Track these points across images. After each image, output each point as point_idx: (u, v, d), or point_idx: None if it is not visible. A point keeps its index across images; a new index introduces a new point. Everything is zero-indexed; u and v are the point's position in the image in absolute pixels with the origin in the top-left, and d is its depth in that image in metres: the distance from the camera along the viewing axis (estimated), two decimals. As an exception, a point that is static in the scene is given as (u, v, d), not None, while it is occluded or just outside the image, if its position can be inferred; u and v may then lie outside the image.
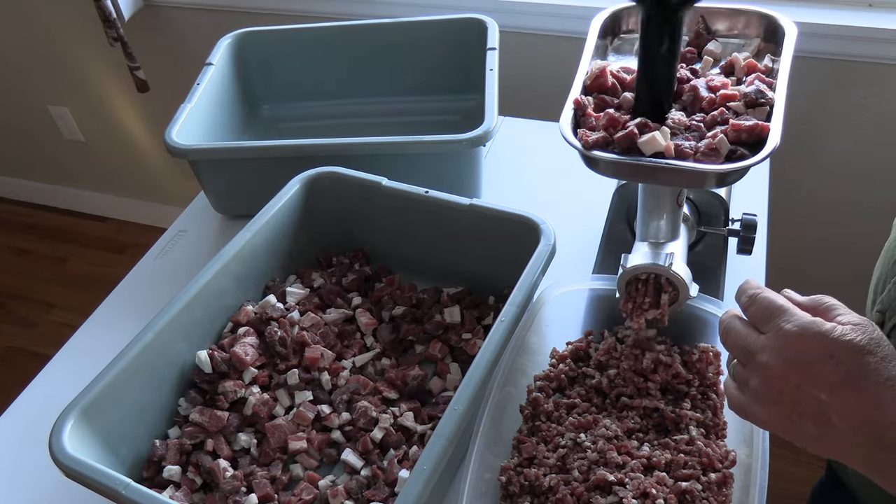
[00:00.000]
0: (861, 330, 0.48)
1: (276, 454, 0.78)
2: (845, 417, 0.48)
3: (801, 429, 0.50)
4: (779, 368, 0.50)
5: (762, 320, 0.52)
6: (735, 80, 0.69)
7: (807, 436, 0.50)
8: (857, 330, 0.48)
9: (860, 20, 1.30)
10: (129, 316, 0.97)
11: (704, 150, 0.62)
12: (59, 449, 0.66)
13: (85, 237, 2.47)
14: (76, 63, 2.04)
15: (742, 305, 0.55)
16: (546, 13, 1.47)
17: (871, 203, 1.51)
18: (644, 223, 0.75)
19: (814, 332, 0.49)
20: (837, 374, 0.47)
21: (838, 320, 0.50)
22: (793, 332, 0.49)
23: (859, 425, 0.47)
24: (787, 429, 0.51)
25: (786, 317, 0.51)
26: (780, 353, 0.50)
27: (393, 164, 0.98)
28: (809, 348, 0.49)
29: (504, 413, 0.75)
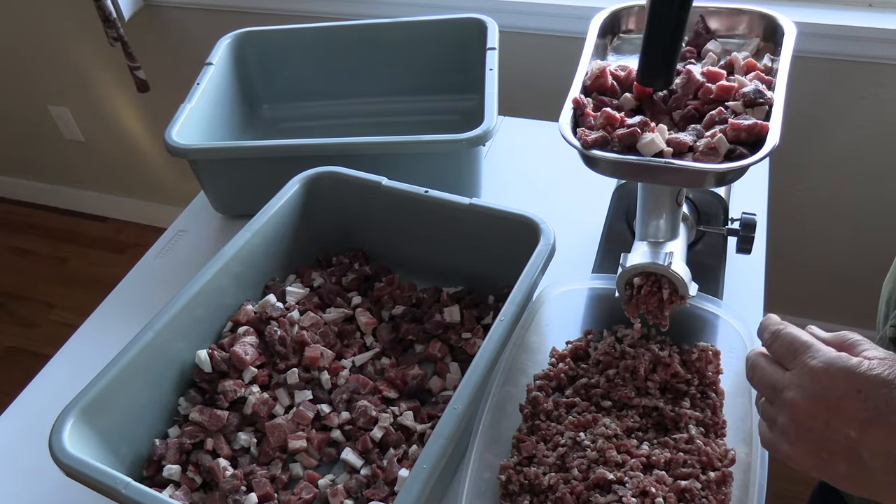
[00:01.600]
0: (888, 364, 0.47)
1: (276, 453, 0.78)
2: (876, 454, 0.46)
3: (831, 467, 0.49)
4: (806, 405, 0.49)
5: (787, 357, 0.52)
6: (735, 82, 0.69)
7: (838, 474, 0.49)
8: (884, 364, 0.47)
9: (860, 20, 1.31)
10: (129, 316, 0.97)
11: (703, 150, 0.62)
12: (59, 448, 0.66)
13: (85, 237, 2.47)
14: (76, 63, 2.04)
15: (765, 343, 0.55)
16: (546, 13, 1.47)
17: (871, 202, 1.51)
18: (643, 222, 0.75)
19: (839, 366, 0.48)
20: (866, 410, 0.46)
21: (864, 355, 0.49)
22: (818, 368, 0.49)
23: (892, 462, 0.46)
24: (817, 466, 0.50)
25: (810, 352, 0.50)
26: (806, 390, 0.49)
27: (393, 164, 0.98)
28: (836, 384, 0.48)
29: (504, 412, 0.75)
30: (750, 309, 0.89)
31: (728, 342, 0.79)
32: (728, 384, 0.77)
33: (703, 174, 0.63)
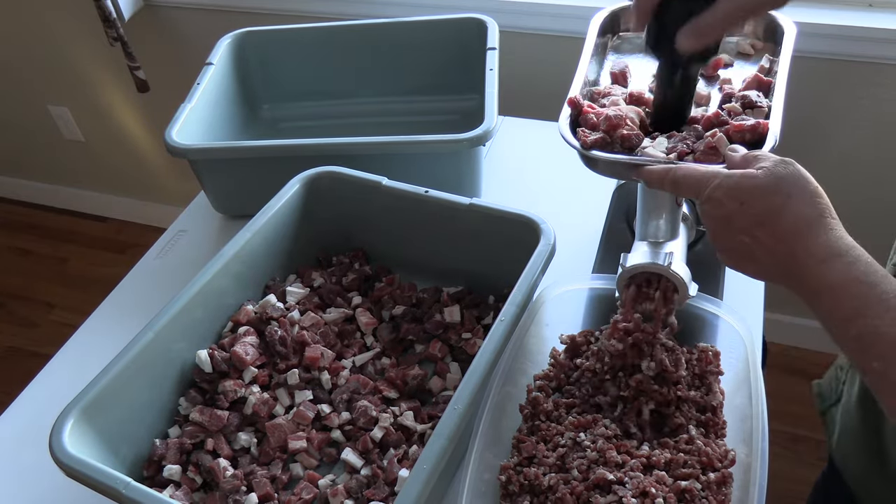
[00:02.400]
0: (770, 172, 0.54)
1: (276, 453, 0.78)
2: (764, 253, 0.54)
3: (745, 268, 0.58)
4: (712, 225, 0.57)
5: (693, 194, 0.59)
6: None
7: (751, 271, 0.58)
8: (766, 173, 0.54)
9: (860, 20, 1.31)
10: (129, 316, 0.97)
11: (704, 150, 0.62)
12: (59, 448, 0.66)
13: (85, 237, 2.47)
14: (76, 63, 2.04)
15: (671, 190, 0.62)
16: (546, 13, 1.47)
17: (871, 202, 1.51)
18: (643, 222, 0.75)
19: (725, 186, 0.55)
20: (749, 218, 0.54)
21: (756, 167, 0.55)
22: (713, 195, 0.56)
23: (776, 259, 0.54)
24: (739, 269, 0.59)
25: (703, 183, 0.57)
26: (708, 215, 0.57)
27: (393, 164, 0.98)
28: (723, 201, 0.55)
29: (504, 412, 0.75)
30: (750, 309, 0.89)
31: (728, 342, 0.79)
32: (728, 384, 0.77)
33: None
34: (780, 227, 0.53)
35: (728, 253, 0.58)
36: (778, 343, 1.82)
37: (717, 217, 0.56)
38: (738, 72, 0.75)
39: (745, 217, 0.54)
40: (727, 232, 0.56)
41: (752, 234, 0.54)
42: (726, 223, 0.55)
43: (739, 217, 0.54)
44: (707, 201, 0.57)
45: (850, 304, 0.50)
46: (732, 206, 0.54)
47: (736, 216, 0.54)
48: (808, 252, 0.52)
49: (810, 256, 0.52)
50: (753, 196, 0.54)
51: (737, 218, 0.54)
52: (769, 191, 0.53)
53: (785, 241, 0.53)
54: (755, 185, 0.54)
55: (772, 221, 0.53)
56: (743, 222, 0.54)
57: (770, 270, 0.56)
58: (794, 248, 0.52)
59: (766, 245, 0.54)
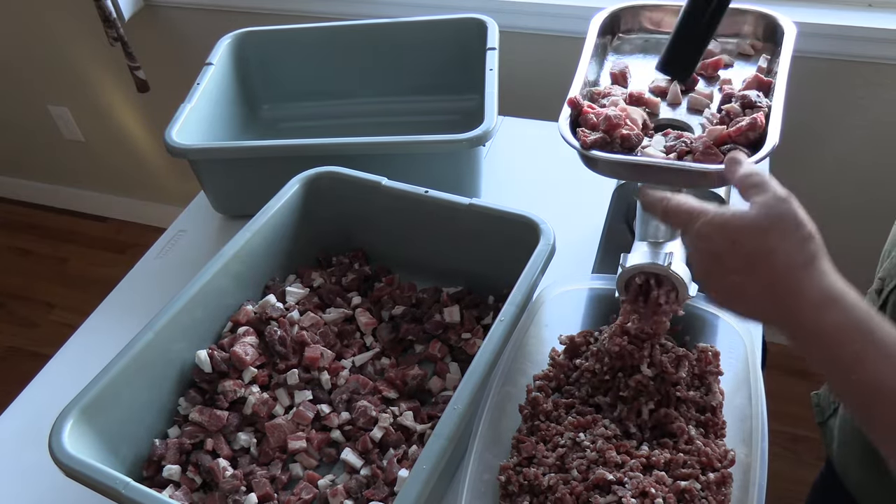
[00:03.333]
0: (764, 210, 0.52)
1: (276, 454, 0.78)
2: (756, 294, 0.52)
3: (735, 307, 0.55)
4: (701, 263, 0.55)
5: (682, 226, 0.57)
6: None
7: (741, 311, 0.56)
8: (760, 211, 0.52)
9: (860, 20, 1.30)
10: (129, 316, 0.97)
11: (703, 150, 0.62)
12: (58, 448, 0.66)
13: (85, 237, 2.47)
14: (76, 63, 2.04)
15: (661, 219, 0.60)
16: (546, 13, 1.47)
17: (870, 202, 1.51)
18: (643, 223, 0.75)
19: (716, 224, 0.53)
20: (740, 258, 0.52)
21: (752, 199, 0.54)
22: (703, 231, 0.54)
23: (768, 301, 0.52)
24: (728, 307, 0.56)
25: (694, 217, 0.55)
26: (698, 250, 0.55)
27: (393, 164, 0.98)
28: (714, 239, 0.53)
29: (503, 413, 0.75)
30: (750, 309, 0.89)
31: (728, 343, 0.79)
32: (728, 385, 0.77)
33: (703, 174, 0.63)
34: (773, 270, 0.51)
35: (718, 293, 0.56)
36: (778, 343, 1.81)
37: (706, 253, 0.54)
38: (738, 72, 0.75)
39: (736, 257, 0.52)
40: (718, 271, 0.54)
41: (744, 275, 0.52)
42: (717, 261, 0.54)
43: (730, 256, 0.52)
44: (697, 236, 0.55)
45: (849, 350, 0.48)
46: (723, 244, 0.53)
47: (727, 255, 0.53)
48: (802, 296, 0.50)
49: (805, 301, 0.50)
50: (745, 235, 0.52)
51: (728, 257, 0.53)
52: (762, 230, 0.52)
53: (778, 283, 0.51)
54: (748, 224, 0.52)
55: (764, 263, 0.51)
56: (734, 262, 0.52)
57: (762, 312, 0.54)
58: (788, 292, 0.51)
59: (757, 287, 0.52)
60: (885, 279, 0.74)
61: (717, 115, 0.68)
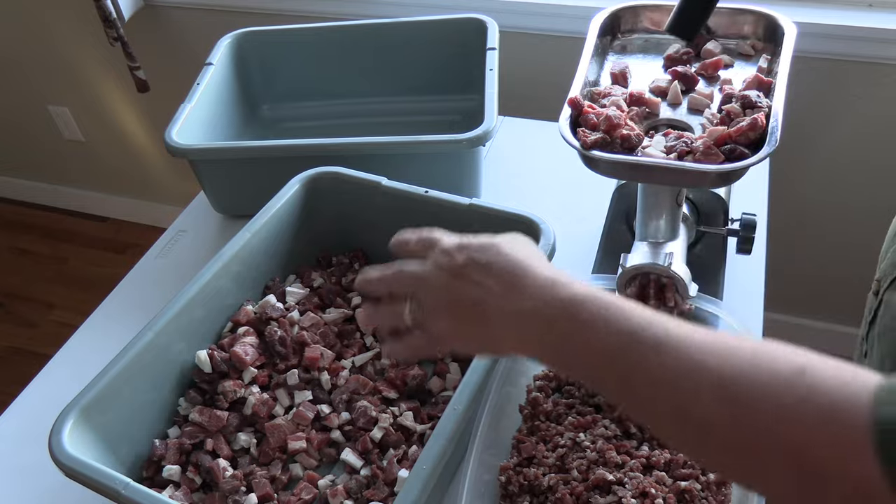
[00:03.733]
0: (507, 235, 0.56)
1: (276, 454, 0.78)
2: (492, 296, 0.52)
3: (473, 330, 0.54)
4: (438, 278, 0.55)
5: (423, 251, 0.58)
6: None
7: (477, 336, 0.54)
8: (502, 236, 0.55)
9: (860, 20, 1.30)
10: (129, 316, 0.97)
11: (704, 150, 0.62)
12: (58, 448, 0.66)
13: (85, 237, 2.47)
14: (76, 63, 2.04)
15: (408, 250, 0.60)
16: (546, 13, 1.47)
17: (870, 202, 1.51)
18: (643, 223, 0.75)
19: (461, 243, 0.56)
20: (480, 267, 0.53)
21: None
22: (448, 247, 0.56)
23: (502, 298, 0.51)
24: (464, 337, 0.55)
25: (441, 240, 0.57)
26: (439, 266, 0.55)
27: (393, 164, 0.98)
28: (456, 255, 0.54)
29: (503, 413, 0.75)
30: (750, 309, 0.89)
31: (728, 343, 0.78)
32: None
33: (703, 174, 0.63)
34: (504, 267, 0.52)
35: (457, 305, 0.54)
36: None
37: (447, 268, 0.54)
38: (738, 72, 0.75)
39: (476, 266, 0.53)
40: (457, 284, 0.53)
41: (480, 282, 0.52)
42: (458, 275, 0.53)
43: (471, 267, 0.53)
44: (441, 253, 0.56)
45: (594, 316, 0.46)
46: (464, 257, 0.54)
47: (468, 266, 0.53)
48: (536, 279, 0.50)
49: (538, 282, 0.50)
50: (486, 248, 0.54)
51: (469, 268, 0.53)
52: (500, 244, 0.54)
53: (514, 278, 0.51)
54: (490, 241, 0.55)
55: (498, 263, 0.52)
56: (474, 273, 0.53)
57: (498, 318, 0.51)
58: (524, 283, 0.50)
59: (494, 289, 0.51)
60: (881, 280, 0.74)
61: (718, 116, 0.68)
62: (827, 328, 1.76)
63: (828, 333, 1.76)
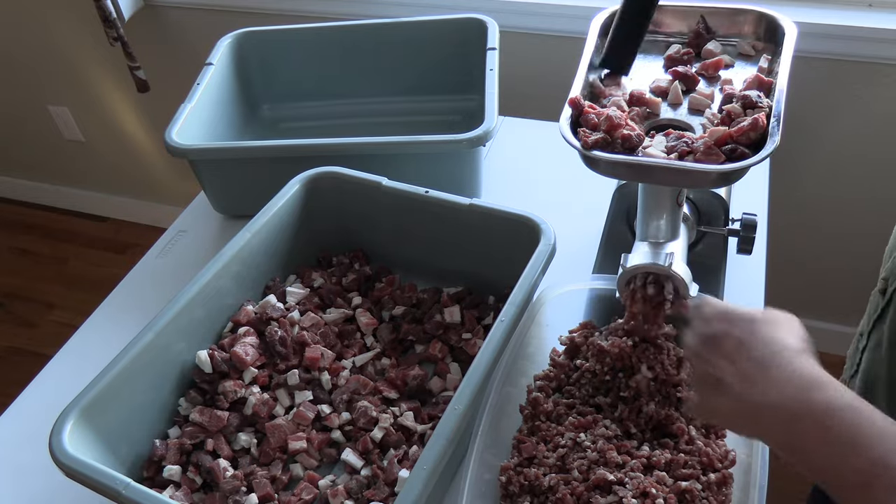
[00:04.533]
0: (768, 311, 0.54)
1: (276, 454, 0.78)
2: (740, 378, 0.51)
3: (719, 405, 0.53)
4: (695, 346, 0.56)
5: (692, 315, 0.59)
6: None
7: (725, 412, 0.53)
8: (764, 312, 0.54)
9: (860, 20, 1.30)
10: (129, 316, 0.97)
11: (704, 150, 0.62)
12: (59, 449, 0.66)
13: (85, 237, 2.47)
14: (76, 63, 2.04)
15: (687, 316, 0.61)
16: (546, 13, 1.47)
17: (871, 202, 1.51)
18: (644, 223, 0.75)
19: (720, 310, 0.55)
20: (734, 342, 0.52)
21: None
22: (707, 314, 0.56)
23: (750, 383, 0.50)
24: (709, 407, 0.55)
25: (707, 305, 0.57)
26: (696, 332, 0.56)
27: (393, 164, 0.98)
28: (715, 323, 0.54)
29: (504, 413, 0.75)
30: (750, 309, 0.89)
31: (728, 343, 0.78)
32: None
33: (704, 175, 0.63)
34: (761, 352, 0.51)
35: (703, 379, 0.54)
36: (778, 343, 1.82)
37: (703, 336, 0.55)
38: (738, 72, 0.74)
39: (731, 341, 0.52)
40: (709, 353, 0.54)
41: (734, 360, 0.52)
42: (711, 345, 0.54)
43: (726, 340, 0.53)
44: (697, 316, 0.56)
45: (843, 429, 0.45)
46: (721, 327, 0.54)
47: (723, 338, 0.53)
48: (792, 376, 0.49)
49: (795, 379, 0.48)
50: (745, 322, 0.53)
51: (724, 340, 0.53)
52: (761, 321, 0.53)
53: (763, 364, 0.50)
54: (750, 315, 0.54)
55: (755, 346, 0.51)
56: (728, 346, 0.52)
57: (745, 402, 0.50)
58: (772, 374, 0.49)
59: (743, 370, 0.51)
60: (889, 279, 0.74)
61: (718, 116, 0.68)
62: (827, 328, 1.76)
63: (828, 333, 1.76)
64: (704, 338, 0.55)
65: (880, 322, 0.76)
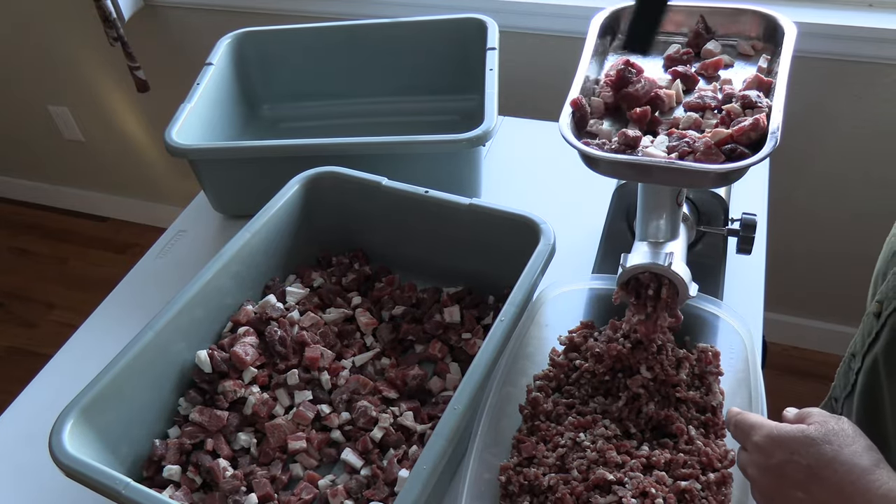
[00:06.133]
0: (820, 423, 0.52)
1: (276, 454, 0.78)
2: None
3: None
4: (760, 479, 0.55)
5: (742, 440, 0.58)
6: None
7: None
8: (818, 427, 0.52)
9: (860, 20, 1.31)
10: (129, 316, 0.97)
11: (704, 150, 0.62)
12: (59, 448, 0.66)
13: (85, 237, 2.47)
14: (76, 63, 2.04)
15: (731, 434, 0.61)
16: (546, 13, 1.47)
17: (870, 202, 1.51)
18: (643, 223, 0.75)
19: (774, 436, 0.53)
20: (802, 470, 0.51)
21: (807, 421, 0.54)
22: (761, 443, 0.55)
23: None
24: None
25: (754, 430, 0.56)
26: (757, 465, 0.55)
27: (393, 164, 0.98)
28: (774, 452, 0.53)
29: (503, 413, 0.75)
30: (750, 309, 0.89)
31: (728, 343, 0.79)
32: (728, 385, 0.77)
33: (704, 174, 0.63)
34: (834, 478, 0.49)
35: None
36: (778, 343, 1.82)
37: (766, 468, 0.54)
38: (738, 72, 0.75)
39: (797, 469, 0.51)
40: (778, 486, 0.53)
41: (806, 489, 0.51)
42: (777, 476, 0.53)
43: (791, 469, 0.51)
44: (755, 449, 0.55)
45: None
46: (782, 455, 0.52)
47: (787, 467, 0.52)
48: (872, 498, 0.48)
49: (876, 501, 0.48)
50: (804, 446, 0.51)
51: (789, 470, 0.52)
52: (820, 440, 0.51)
53: (842, 493, 0.49)
54: (805, 436, 0.52)
55: (827, 470, 0.50)
56: (796, 475, 0.51)
57: None
58: (855, 502, 0.48)
59: (822, 500, 0.50)
60: (884, 302, 0.73)
61: (718, 116, 0.68)
62: (827, 328, 1.76)
63: (828, 333, 1.76)
64: (767, 469, 0.53)
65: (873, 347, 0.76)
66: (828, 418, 0.53)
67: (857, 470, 0.49)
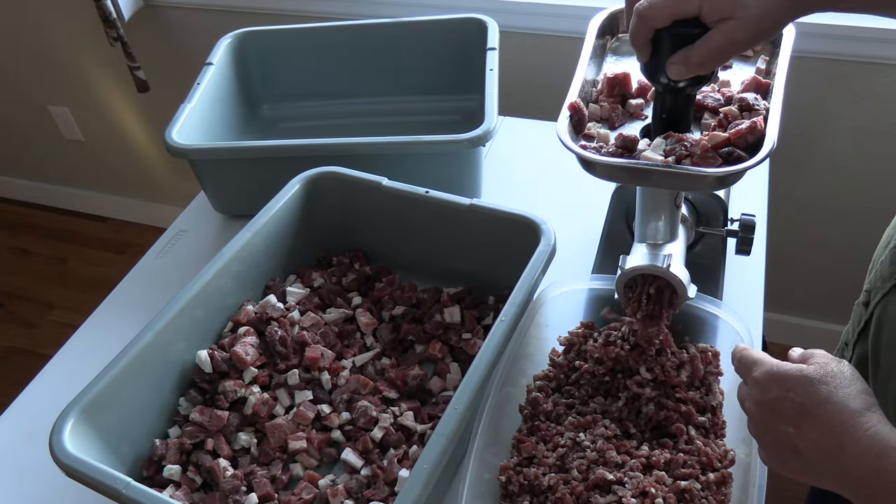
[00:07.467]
0: (819, 365, 0.53)
1: (276, 454, 0.78)
2: (810, 446, 0.51)
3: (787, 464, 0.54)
4: (755, 413, 0.56)
5: (743, 374, 0.59)
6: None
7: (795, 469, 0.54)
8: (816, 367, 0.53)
9: (860, 20, 1.31)
10: (129, 316, 0.97)
11: (701, 153, 0.62)
12: (59, 448, 0.66)
13: (85, 237, 2.47)
14: (76, 63, 2.04)
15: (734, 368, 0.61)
16: (546, 13, 1.47)
17: (869, 203, 1.51)
18: (642, 224, 0.75)
19: (773, 373, 0.55)
20: (795, 407, 0.52)
21: (808, 362, 0.55)
22: (760, 378, 0.56)
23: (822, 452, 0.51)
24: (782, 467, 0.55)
25: (755, 366, 0.57)
26: (753, 399, 0.56)
27: (393, 164, 0.98)
28: (771, 388, 0.54)
29: (503, 413, 0.75)
30: (750, 310, 0.89)
31: (728, 343, 0.79)
32: (727, 385, 0.77)
33: (701, 178, 0.63)
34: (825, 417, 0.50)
35: (771, 448, 0.55)
36: (778, 343, 1.82)
37: (761, 403, 0.55)
38: (737, 73, 0.74)
39: (790, 405, 0.52)
40: (771, 421, 0.54)
41: (797, 425, 0.52)
42: (771, 411, 0.54)
43: (785, 405, 0.52)
44: (753, 383, 0.56)
45: None
46: (778, 392, 0.53)
47: (781, 403, 0.53)
48: (859, 444, 0.49)
49: (862, 449, 0.48)
50: (800, 384, 0.52)
51: (782, 405, 0.53)
52: (816, 381, 0.52)
53: (831, 432, 0.50)
54: (803, 375, 0.53)
55: (817, 411, 0.51)
56: (789, 411, 0.52)
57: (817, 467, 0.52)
58: (843, 441, 0.49)
59: (811, 438, 0.51)
60: (871, 291, 0.74)
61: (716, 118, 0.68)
62: (827, 328, 1.76)
63: (828, 333, 1.76)
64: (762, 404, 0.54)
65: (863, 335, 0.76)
66: (829, 360, 0.54)
67: (847, 411, 0.50)
